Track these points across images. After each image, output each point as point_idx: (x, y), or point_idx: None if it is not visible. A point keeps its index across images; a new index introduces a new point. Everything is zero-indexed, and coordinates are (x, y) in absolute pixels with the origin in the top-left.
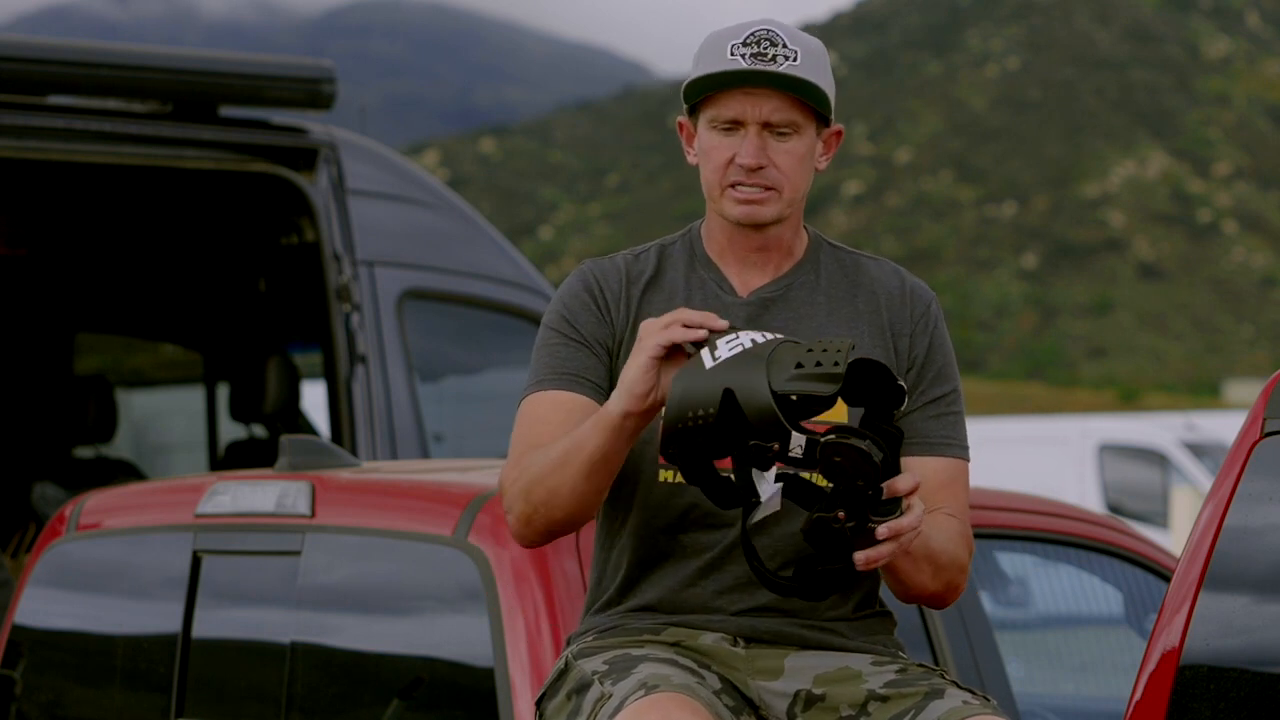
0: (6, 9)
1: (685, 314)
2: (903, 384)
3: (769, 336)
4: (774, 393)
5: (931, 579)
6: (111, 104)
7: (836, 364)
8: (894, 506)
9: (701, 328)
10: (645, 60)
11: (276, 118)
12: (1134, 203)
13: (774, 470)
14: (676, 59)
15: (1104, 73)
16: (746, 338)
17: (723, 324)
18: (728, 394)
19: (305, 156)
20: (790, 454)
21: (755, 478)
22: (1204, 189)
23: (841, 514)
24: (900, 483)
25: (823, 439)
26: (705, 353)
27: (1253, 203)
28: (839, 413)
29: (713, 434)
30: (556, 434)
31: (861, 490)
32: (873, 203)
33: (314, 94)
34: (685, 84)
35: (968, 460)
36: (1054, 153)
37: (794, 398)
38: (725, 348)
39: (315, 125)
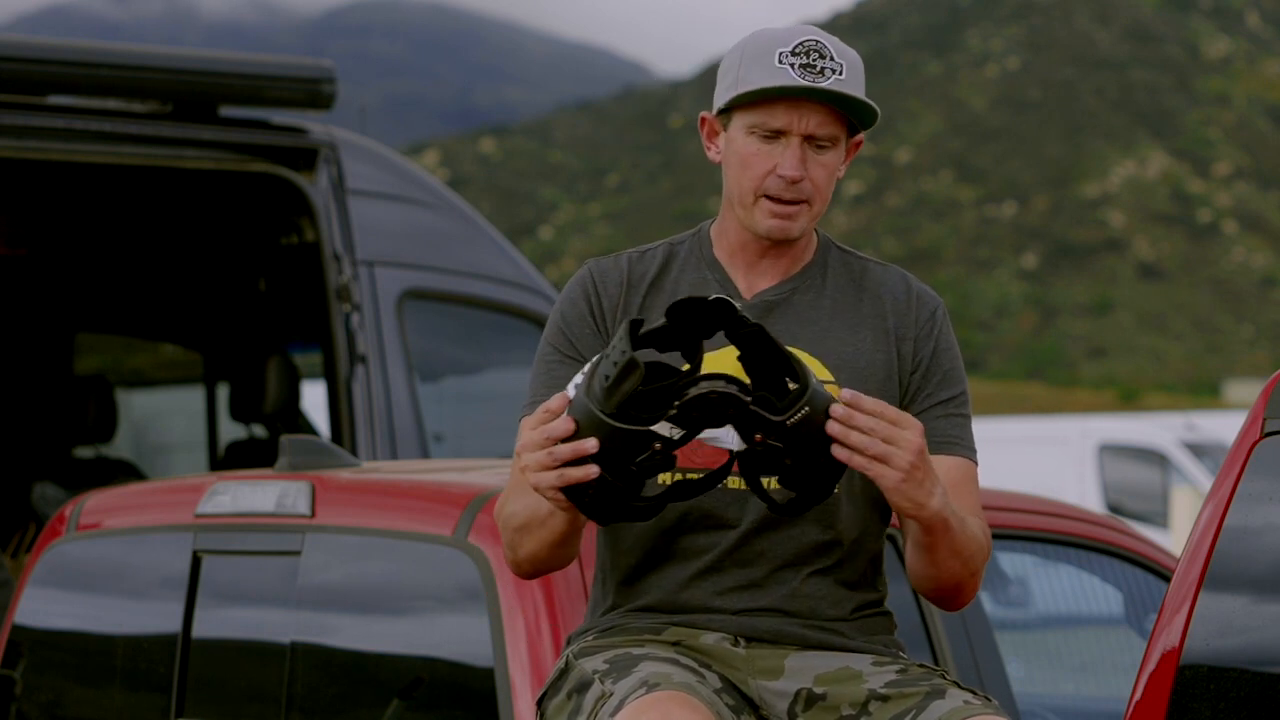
0: (6, 9)
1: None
2: (719, 296)
3: (584, 372)
4: (608, 416)
5: (962, 566)
6: (111, 104)
7: (624, 351)
8: (799, 395)
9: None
10: (645, 60)
11: (276, 118)
12: (1134, 203)
13: (728, 430)
14: (676, 59)
15: (1104, 73)
16: (571, 388)
17: (559, 407)
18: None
19: (305, 156)
20: (672, 439)
21: (717, 443)
22: (1204, 189)
23: (758, 435)
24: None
25: (674, 410)
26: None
27: (1253, 203)
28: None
29: (610, 483)
30: None
31: (743, 406)
32: (873, 203)
33: (314, 94)
34: (731, 90)
35: (976, 464)
36: (1054, 153)
37: (624, 408)
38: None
39: (315, 125)
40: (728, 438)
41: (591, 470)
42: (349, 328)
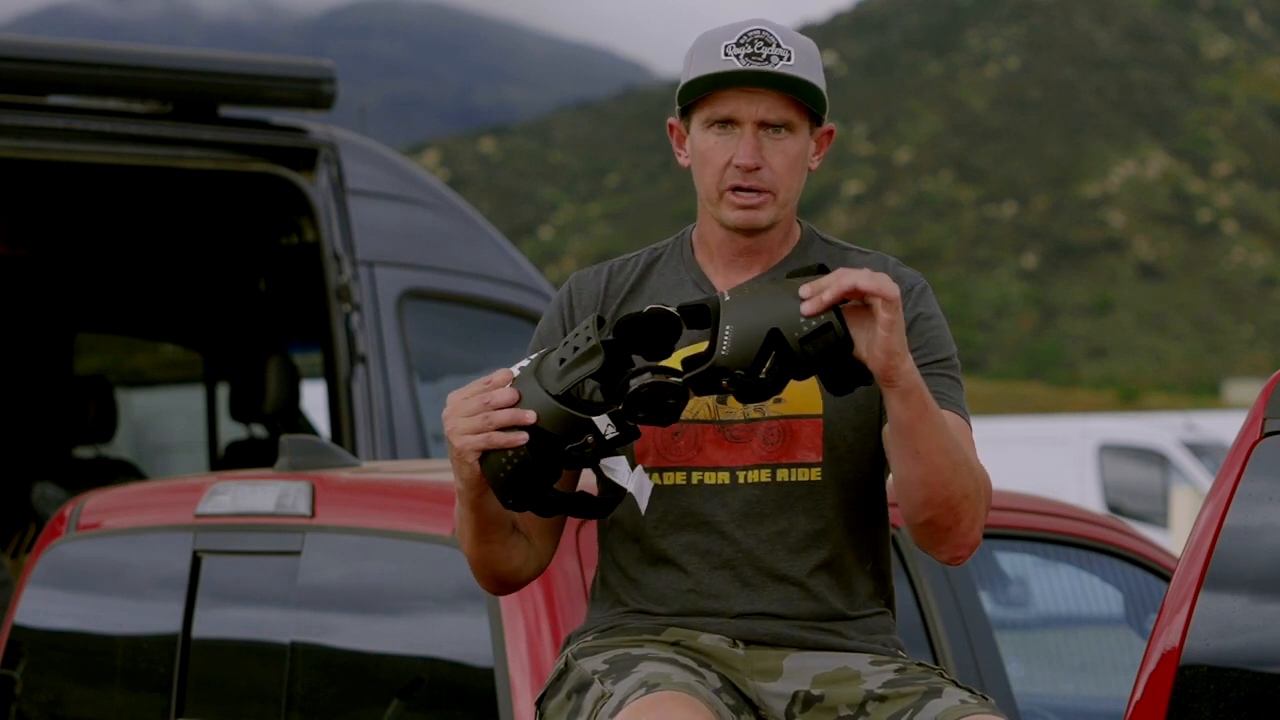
0: (6, 9)
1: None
2: (660, 306)
3: (533, 357)
4: (553, 396)
5: (952, 474)
6: (111, 104)
7: (589, 339)
8: (714, 331)
9: (489, 406)
10: (645, 60)
11: (276, 118)
12: (1134, 203)
13: (624, 464)
14: (676, 59)
15: (1104, 73)
16: (516, 369)
17: (503, 380)
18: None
19: (305, 156)
20: (606, 437)
21: (610, 474)
22: (1204, 189)
23: (725, 382)
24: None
25: (619, 406)
26: None
27: (1253, 203)
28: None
29: (531, 463)
30: None
31: (681, 390)
32: (873, 203)
33: (314, 94)
34: (680, 86)
35: (968, 422)
36: (1054, 153)
37: (573, 392)
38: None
39: (315, 125)
40: (622, 473)
41: (519, 438)
42: (349, 328)
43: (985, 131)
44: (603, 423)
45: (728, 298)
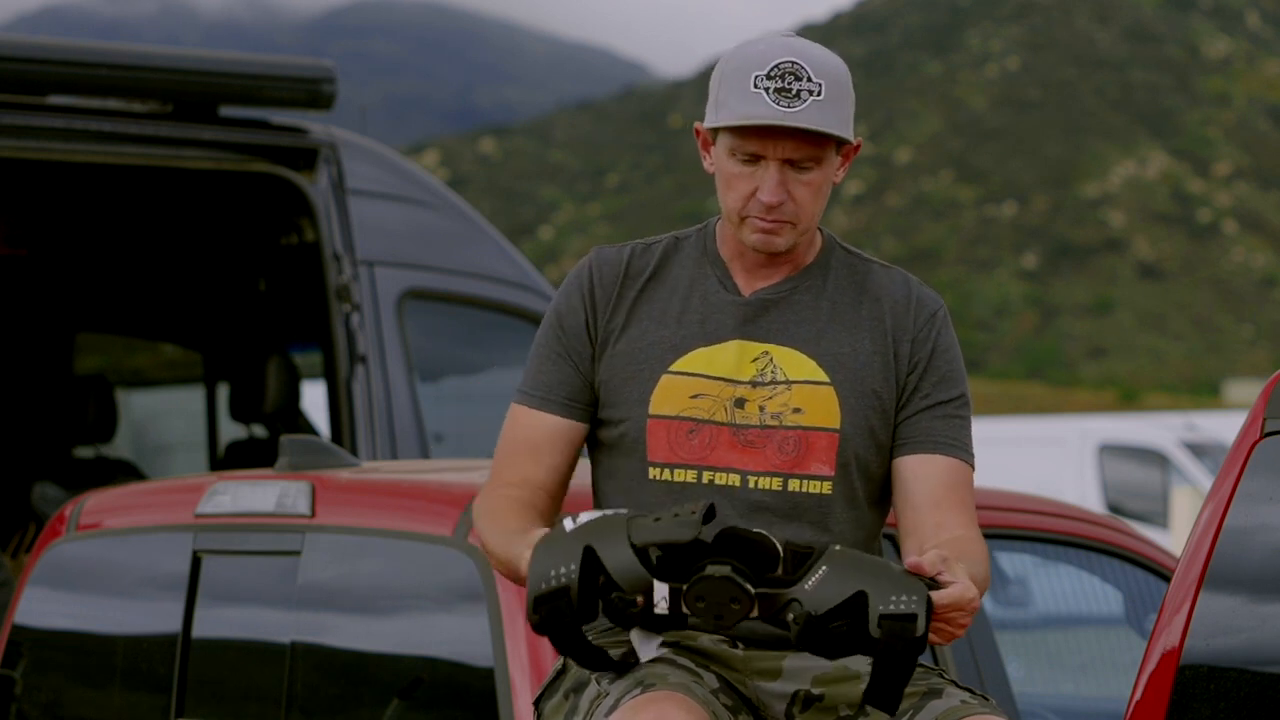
0: (6, 9)
1: None
2: (776, 543)
3: (625, 511)
4: (633, 545)
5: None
6: (111, 104)
7: (694, 512)
8: (791, 575)
9: None
10: (645, 60)
11: (276, 118)
12: (1134, 203)
13: (654, 645)
14: (676, 59)
15: (1104, 73)
16: (608, 510)
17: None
18: (588, 551)
19: (305, 156)
20: (656, 609)
21: (637, 643)
22: (1204, 189)
23: (791, 617)
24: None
25: (685, 587)
26: (567, 519)
27: (1253, 203)
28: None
29: (575, 596)
30: (525, 472)
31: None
32: (873, 203)
33: (314, 94)
34: (714, 119)
35: (973, 467)
36: (1054, 153)
37: (654, 552)
38: (586, 516)
39: (315, 125)
40: (646, 650)
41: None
42: (349, 328)
43: (985, 131)
44: (660, 592)
45: (838, 548)
